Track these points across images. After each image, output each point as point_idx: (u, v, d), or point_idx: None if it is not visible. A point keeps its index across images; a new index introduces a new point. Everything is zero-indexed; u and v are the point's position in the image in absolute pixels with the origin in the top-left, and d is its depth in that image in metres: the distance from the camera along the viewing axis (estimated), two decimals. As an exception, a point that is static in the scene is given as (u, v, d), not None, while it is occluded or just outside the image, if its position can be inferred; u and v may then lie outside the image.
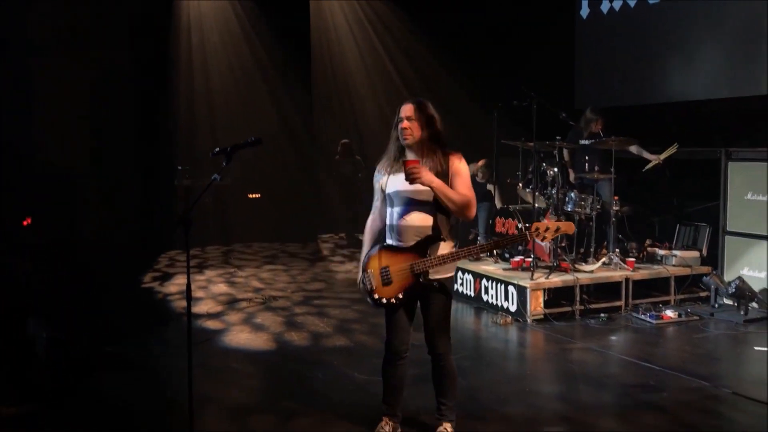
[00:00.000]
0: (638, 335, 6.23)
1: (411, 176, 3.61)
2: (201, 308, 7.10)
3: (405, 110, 3.76)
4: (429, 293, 3.77)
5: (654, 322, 6.47)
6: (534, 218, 7.20)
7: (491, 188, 8.82)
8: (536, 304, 6.59)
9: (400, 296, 3.74)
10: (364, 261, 3.90)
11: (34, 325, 5.33)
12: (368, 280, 3.83)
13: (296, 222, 11.49)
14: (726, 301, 6.90)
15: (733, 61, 8.12)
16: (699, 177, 8.01)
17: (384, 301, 3.78)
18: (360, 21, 12.21)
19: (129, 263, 9.46)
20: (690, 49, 8.60)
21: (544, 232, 3.69)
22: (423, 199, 3.72)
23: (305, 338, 6.14)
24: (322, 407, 4.53)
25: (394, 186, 3.79)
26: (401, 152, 3.81)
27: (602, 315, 6.69)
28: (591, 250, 7.40)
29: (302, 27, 11.55)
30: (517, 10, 10.43)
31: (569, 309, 6.72)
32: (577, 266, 7.11)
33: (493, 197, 8.80)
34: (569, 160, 7.99)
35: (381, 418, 4.04)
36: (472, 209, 3.72)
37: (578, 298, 6.73)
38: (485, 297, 7.14)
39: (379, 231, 4.00)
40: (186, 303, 3.69)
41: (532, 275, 6.74)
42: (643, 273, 7.15)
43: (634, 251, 7.61)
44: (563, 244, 7.27)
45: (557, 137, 7.31)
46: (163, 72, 10.80)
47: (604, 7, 9.80)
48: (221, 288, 8.11)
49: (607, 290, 7.00)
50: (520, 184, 7.87)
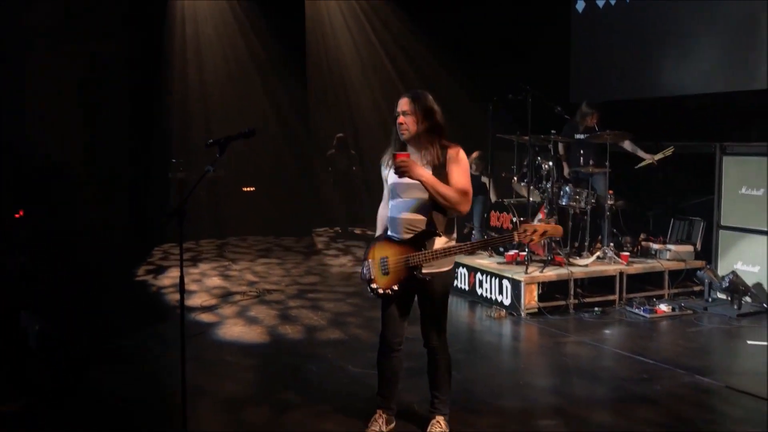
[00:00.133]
0: (632, 329, 6.25)
1: (399, 170, 3.59)
2: (195, 301, 7.09)
3: (401, 104, 3.75)
4: (425, 287, 3.75)
5: (648, 316, 6.49)
6: (529, 212, 7.20)
7: (485, 181, 8.82)
8: (530, 298, 6.60)
9: (395, 288, 3.74)
10: (366, 250, 3.92)
11: (27, 319, 5.31)
12: (368, 269, 3.85)
13: (291, 216, 11.47)
14: (719, 296, 6.92)
15: (728, 56, 8.12)
16: (693, 171, 8.02)
17: (380, 292, 3.79)
18: (355, 14, 12.18)
19: (123, 256, 9.43)
20: (685, 44, 8.60)
21: (531, 234, 3.59)
22: (418, 194, 3.69)
23: (299, 331, 6.13)
24: (316, 400, 4.53)
25: (393, 179, 3.78)
26: (402, 146, 3.80)
27: (596, 309, 6.70)
28: (585, 244, 7.41)
29: (297, 20, 11.52)
30: (514, 4, 10.42)
31: (563, 303, 6.73)
32: (572, 260, 7.12)
33: (488, 190, 8.80)
34: (564, 154, 7.99)
35: (375, 411, 4.04)
36: (465, 205, 3.65)
37: (572, 292, 6.74)
38: (480, 291, 7.15)
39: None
40: (180, 297, 3.68)
41: (527, 269, 6.75)
42: (637, 267, 7.17)
43: (629, 245, 7.62)
44: (557, 238, 7.28)
45: (552, 131, 7.31)
46: (157, 65, 10.75)
47: (600, 2, 9.79)
48: (215, 281, 8.09)
49: (602, 284, 7.02)
50: (515, 178, 7.87)
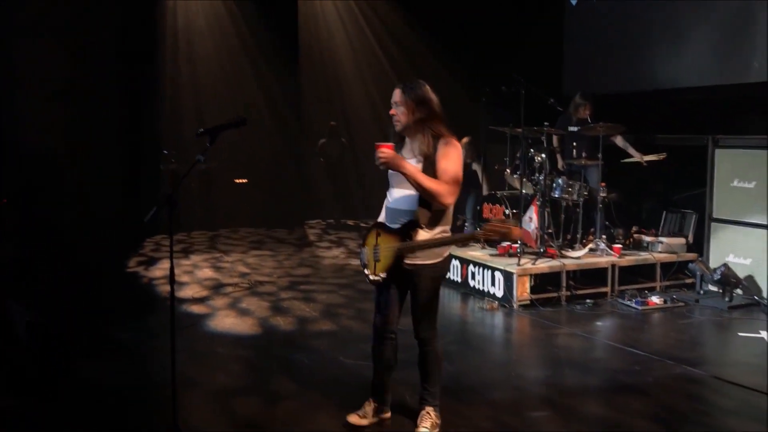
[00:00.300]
0: (624, 321, 6.26)
1: (379, 161, 3.57)
2: (186, 293, 7.06)
3: (393, 96, 3.76)
4: (415, 278, 3.73)
5: (639, 308, 6.50)
6: (521, 204, 7.19)
7: (477, 169, 8.74)
8: (523, 290, 6.60)
9: (383, 275, 3.75)
10: (365, 235, 3.95)
11: (14, 309, 5.26)
12: (364, 255, 3.89)
13: (283, 207, 11.44)
14: (711, 288, 6.94)
15: (722, 49, 8.11)
16: (686, 164, 8.02)
17: (371, 278, 3.83)
18: (348, 5, 12.11)
19: (114, 248, 9.38)
20: (679, 37, 8.59)
21: (489, 232, 3.55)
22: (407, 185, 3.68)
23: (291, 323, 6.11)
24: (308, 391, 4.51)
25: None
26: (399, 137, 3.81)
27: (588, 301, 6.71)
28: (578, 237, 7.41)
29: (290, 11, 11.45)
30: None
31: (555, 295, 6.73)
32: (564, 252, 7.12)
33: (480, 181, 8.73)
34: (559, 146, 7.98)
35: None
36: (448, 197, 3.59)
37: (564, 284, 6.74)
38: (472, 283, 7.14)
39: None
40: (170, 286, 3.66)
41: (519, 261, 6.74)
42: (630, 259, 7.17)
43: (621, 238, 7.62)
44: (550, 230, 7.28)
45: (545, 123, 7.29)
46: (149, 55, 10.67)
47: (593, -6, 9.77)
48: (207, 273, 8.06)
49: (594, 276, 7.02)
50: (508, 170, 7.85)
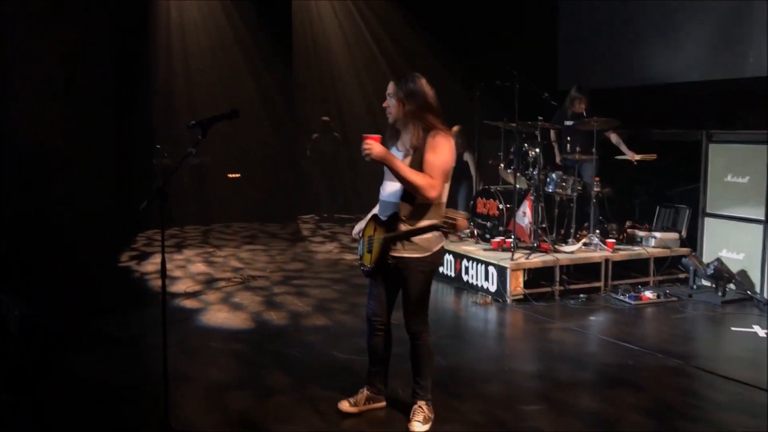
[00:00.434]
0: (617, 316, 6.26)
1: (364, 152, 3.58)
2: (179, 287, 7.02)
3: (388, 88, 3.78)
4: (405, 272, 3.74)
5: (633, 303, 6.50)
6: (515, 199, 7.17)
7: (468, 159, 8.68)
8: (516, 285, 6.59)
9: (372, 266, 3.79)
10: (363, 226, 3.98)
11: (6, 303, 5.23)
12: (360, 246, 3.94)
13: (276, 202, 11.41)
14: (704, 283, 6.94)
15: (716, 44, 8.12)
16: (680, 159, 8.02)
17: (362, 268, 3.90)
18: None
19: (106, 242, 9.33)
20: (673, 32, 8.59)
21: (445, 220, 3.62)
22: (394, 178, 3.70)
23: (284, 317, 6.09)
24: (301, 386, 4.49)
25: None
26: (396, 129, 3.83)
27: (582, 295, 6.71)
28: (571, 231, 7.41)
29: (284, 4, 11.38)
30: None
31: (549, 289, 6.72)
32: (558, 247, 7.11)
33: (471, 173, 8.65)
34: (557, 141, 7.96)
35: None
36: (431, 191, 3.57)
37: (558, 279, 6.74)
38: (465, 277, 7.13)
39: None
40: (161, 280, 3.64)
41: (513, 255, 6.74)
42: (623, 254, 7.17)
43: (614, 232, 7.62)
44: (544, 225, 7.27)
45: (539, 117, 7.27)
46: (142, 50, 10.60)
47: (588, -11, 9.76)
48: (200, 267, 8.02)
49: (587, 271, 7.02)
50: (502, 165, 7.84)
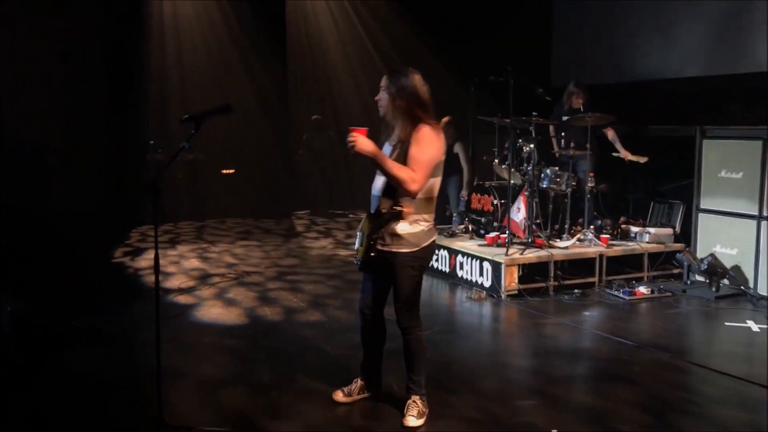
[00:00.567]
0: (611, 311, 6.26)
1: (348, 144, 3.60)
2: (173, 283, 7.00)
3: (381, 81, 3.79)
4: (394, 266, 3.77)
5: (627, 298, 6.51)
6: (509, 194, 7.17)
7: (459, 151, 8.65)
8: (510, 280, 6.59)
9: (361, 259, 3.83)
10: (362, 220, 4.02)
11: (-1, 299, 5.20)
12: (357, 240, 3.96)
13: (270, 198, 11.38)
14: (698, 278, 6.96)
15: (710, 40, 8.13)
16: (674, 155, 8.03)
17: (355, 261, 3.94)
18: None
19: (100, 238, 9.30)
20: (668, 28, 8.60)
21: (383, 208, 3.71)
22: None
23: (278, 313, 6.08)
24: (295, 381, 4.49)
25: None
26: (390, 124, 3.84)
27: (576, 291, 6.71)
28: (566, 227, 7.41)
29: (278, 0, 11.36)
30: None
31: (543, 285, 6.72)
32: (552, 242, 7.11)
33: (462, 164, 8.62)
34: (555, 136, 7.95)
35: None
36: (411, 184, 3.58)
37: (552, 274, 6.74)
38: (460, 273, 7.13)
39: None
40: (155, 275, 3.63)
41: (507, 251, 6.74)
42: (617, 250, 7.18)
43: (609, 228, 7.63)
44: (538, 221, 7.27)
45: (534, 113, 7.26)
46: (136, 46, 10.56)
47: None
48: (193, 263, 8.00)
49: (581, 266, 7.02)
50: (496, 161, 7.83)
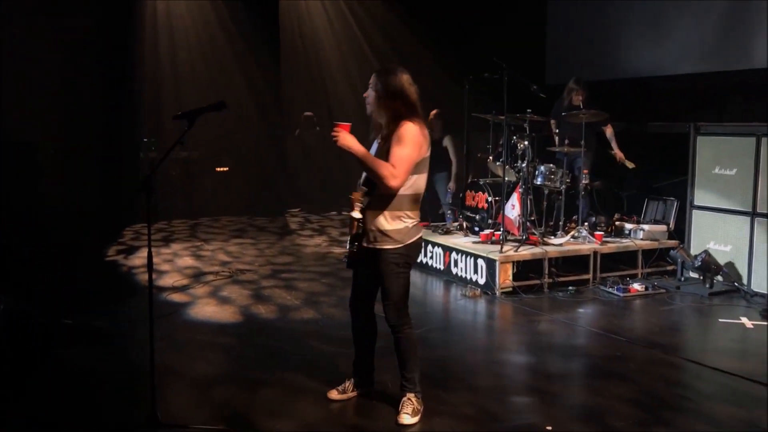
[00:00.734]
0: (605, 308, 6.27)
1: (332, 139, 3.63)
2: (167, 281, 6.98)
3: (370, 79, 3.82)
4: (379, 263, 3.77)
5: (621, 295, 6.51)
6: (504, 191, 7.16)
7: (448, 144, 8.60)
8: (505, 277, 6.59)
9: (347, 255, 3.84)
10: None
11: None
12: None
13: (264, 196, 11.36)
14: (692, 275, 6.97)
15: (704, 37, 8.14)
16: (668, 152, 8.04)
17: (342, 259, 3.88)
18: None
19: (94, 236, 9.26)
20: (662, 25, 8.60)
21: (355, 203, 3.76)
22: None
23: (273, 311, 6.06)
24: (289, 379, 4.47)
25: None
26: (378, 122, 3.84)
27: (570, 288, 6.72)
28: (560, 224, 7.41)
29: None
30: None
31: (538, 282, 6.73)
32: (546, 239, 7.12)
33: (451, 157, 8.60)
34: (557, 131, 7.94)
35: None
36: (390, 179, 3.60)
37: (547, 271, 6.75)
38: (454, 270, 7.12)
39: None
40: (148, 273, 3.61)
41: (502, 248, 6.73)
42: (611, 247, 7.19)
43: (603, 225, 7.64)
44: (533, 218, 7.27)
45: (528, 110, 7.26)
46: (129, 43, 10.52)
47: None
48: (187, 261, 7.98)
49: (576, 263, 7.03)
50: (491, 158, 7.83)
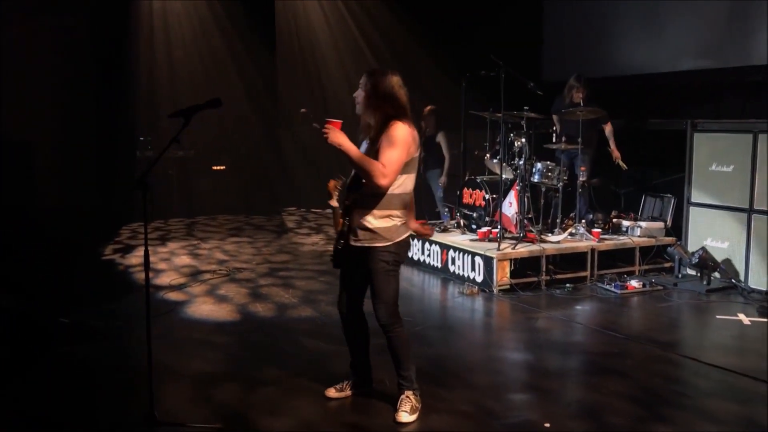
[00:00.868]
0: (603, 305, 6.27)
1: (323, 136, 3.65)
2: (163, 280, 6.97)
3: (360, 80, 3.84)
4: (367, 261, 3.77)
5: (619, 292, 6.51)
6: (501, 189, 7.16)
7: (441, 140, 8.59)
8: (502, 275, 6.59)
9: (332, 253, 3.86)
10: None
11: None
12: None
13: (261, 194, 11.35)
14: (689, 272, 6.97)
15: (701, 34, 8.15)
16: (665, 148, 8.05)
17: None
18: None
19: (90, 235, 9.25)
20: (658, 22, 8.61)
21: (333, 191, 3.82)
22: None
23: (270, 309, 6.05)
24: (287, 377, 4.47)
25: None
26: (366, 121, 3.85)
27: (568, 285, 6.71)
28: (557, 221, 7.41)
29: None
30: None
31: (535, 279, 6.72)
32: (544, 237, 7.11)
33: (444, 153, 8.61)
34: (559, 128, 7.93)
35: None
36: (381, 179, 3.60)
37: (544, 269, 6.74)
38: (452, 268, 7.12)
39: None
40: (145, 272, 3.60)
41: (499, 246, 6.73)
42: (609, 244, 7.18)
43: (600, 222, 7.64)
44: (530, 215, 7.27)
45: (525, 107, 7.26)
46: (125, 42, 10.50)
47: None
48: (184, 260, 7.96)
49: (573, 261, 7.03)
50: (488, 155, 7.82)
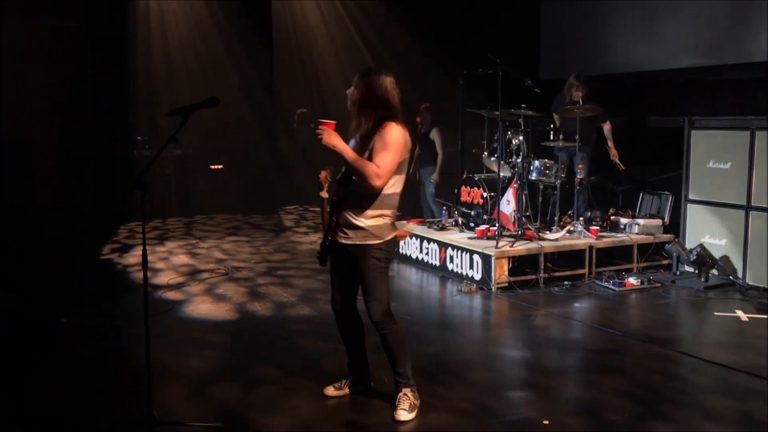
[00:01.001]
0: (601, 302, 6.28)
1: (317, 137, 3.67)
2: (162, 279, 6.96)
3: (354, 78, 3.86)
4: (358, 259, 3.78)
5: (617, 290, 6.52)
6: (499, 187, 7.16)
7: (435, 137, 8.62)
8: (501, 272, 6.59)
9: (319, 251, 3.89)
10: None
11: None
12: None
13: (259, 193, 11.34)
14: (687, 269, 6.99)
15: (698, 31, 8.15)
16: (663, 146, 8.05)
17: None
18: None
19: (88, 235, 9.24)
20: (655, 19, 8.61)
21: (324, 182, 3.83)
22: None
23: (269, 308, 6.05)
24: (286, 376, 4.47)
25: None
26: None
27: (566, 283, 6.72)
28: (555, 219, 7.42)
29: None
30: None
31: (533, 277, 6.73)
32: (542, 234, 7.12)
33: (438, 150, 8.63)
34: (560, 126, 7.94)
35: None
36: (373, 179, 3.61)
37: (542, 266, 6.75)
38: (450, 266, 7.12)
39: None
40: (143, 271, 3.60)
41: (497, 244, 6.73)
42: (607, 241, 7.19)
43: (598, 220, 7.65)
44: (528, 213, 7.27)
45: (523, 105, 7.26)
46: (122, 41, 10.49)
47: (570, -24, 9.76)
48: (182, 259, 7.96)
49: (571, 258, 7.03)
50: (486, 153, 7.83)
